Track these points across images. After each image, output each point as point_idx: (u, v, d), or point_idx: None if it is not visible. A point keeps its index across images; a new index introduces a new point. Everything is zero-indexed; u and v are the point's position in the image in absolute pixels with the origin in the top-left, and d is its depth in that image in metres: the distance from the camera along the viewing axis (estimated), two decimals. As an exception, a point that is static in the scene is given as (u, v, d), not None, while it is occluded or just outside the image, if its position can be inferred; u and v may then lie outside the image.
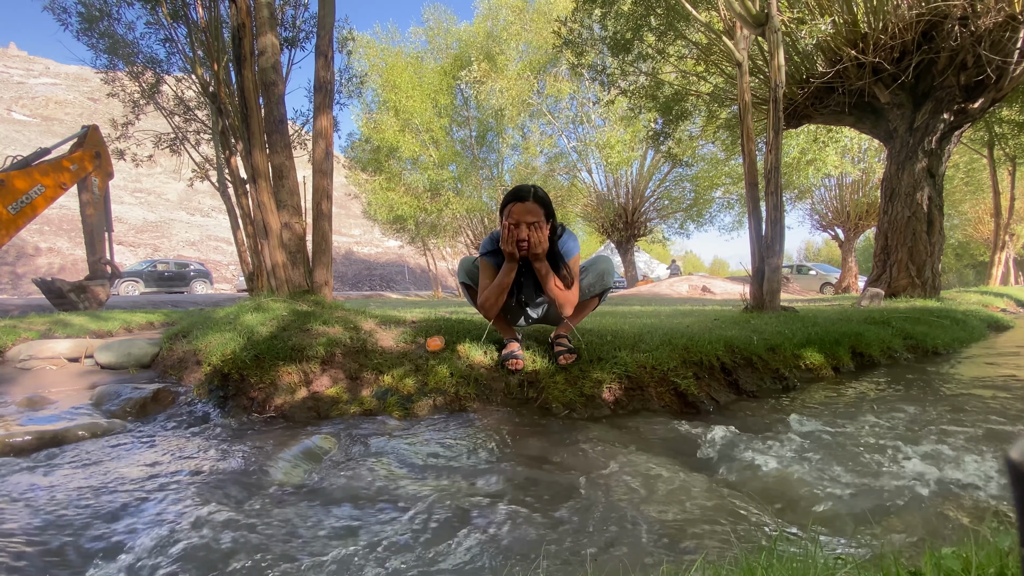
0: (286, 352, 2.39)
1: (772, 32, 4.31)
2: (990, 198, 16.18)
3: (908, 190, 6.85)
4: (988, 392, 2.44)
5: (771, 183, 4.41)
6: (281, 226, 3.88)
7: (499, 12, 18.69)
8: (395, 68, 18.01)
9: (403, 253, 34.61)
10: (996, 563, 0.70)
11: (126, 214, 27.07)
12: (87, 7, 8.61)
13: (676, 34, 7.29)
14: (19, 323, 3.84)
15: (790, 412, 2.14)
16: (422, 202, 18.41)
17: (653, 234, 23.34)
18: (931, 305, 5.64)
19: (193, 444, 1.84)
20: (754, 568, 0.82)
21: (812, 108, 7.73)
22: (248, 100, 4.01)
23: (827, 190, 20.14)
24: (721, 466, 1.57)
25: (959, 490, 1.32)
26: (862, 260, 27.19)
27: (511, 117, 18.02)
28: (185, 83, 9.26)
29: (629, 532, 1.16)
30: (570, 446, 1.76)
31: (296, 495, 1.38)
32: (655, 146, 14.83)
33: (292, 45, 8.59)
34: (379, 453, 1.70)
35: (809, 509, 1.27)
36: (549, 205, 2.16)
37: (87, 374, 2.88)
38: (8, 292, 20.09)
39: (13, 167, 5.85)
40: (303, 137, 10.19)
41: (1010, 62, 6.05)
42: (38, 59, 46.70)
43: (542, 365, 2.37)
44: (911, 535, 1.12)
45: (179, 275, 19.91)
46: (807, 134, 13.89)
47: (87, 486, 1.43)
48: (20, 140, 29.30)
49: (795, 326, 3.44)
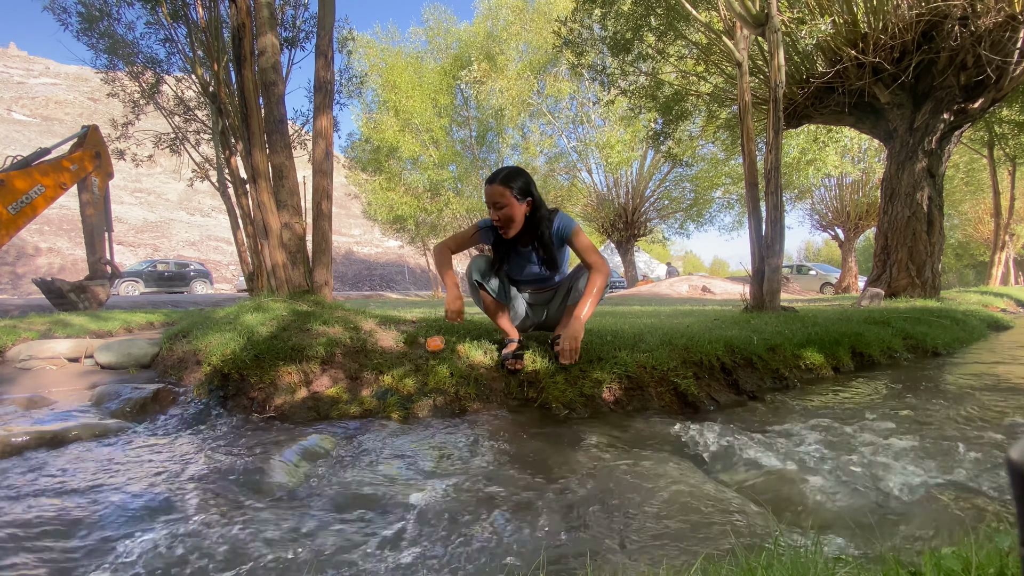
0: (286, 352, 2.39)
1: (772, 32, 4.31)
2: (990, 198, 16.19)
3: (908, 190, 6.85)
4: (988, 392, 2.44)
5: (771, 183, 4.41)
6: (281, 226, 3.88)
7: (499, 12, 18.70)
8: (395, 68, 18.01)
9: (403, 253, 34.62)
10: (996, 563, 0.70)
11: (126, 214, 27.07)
12: (87, 7, 8.61)
13: (676, 34, 7.29)
14: (19, 323, 3.84)
15: (790, 412, 2.14)
16: (422, 202, 18.42)
17: (653, 234, 23.36)
18: (931, 305, 5.64)
19: (193, 444, 1.84)
20: (754, 568, 0.82)
21: (812, 108, 7.73)
22: (248, 100, 4.01)
23: (827, 190, 20.16)
24: (721, 466, 1.57)
25: (959, 490, 1.32)
26: (862, 260, 27.20)
27: (511, 117, 18.03)
28: (185, 83, 9.26)
29: (629, 532, 1.16)
30: (570, 446, 1.76)
31: (295, 495, 1.38)
32: (655, 146, 14.82)
33: (292, 45, 8.58)
34: (379, 453, 1.70)
35: (809, 509, 1.27)
36: (522, 185, 2.21)
37: (87, 374, 2.87)
38: (8, 292, 20.09)
39: (13, 167, 5.85)
40: (303, 137, 10.19)
41: (1010, 62, 6.05)
42: (38, 59, 46.70)
43: (542, 365, 2.37)
44: (911, 535, 1.12)
45: (179, 275, 19.90)
46: (807, 134, 13.89)
47: (87, 486, 1.43)
48: (20, 140, 29.30)
49: (795, 326, 3.44)
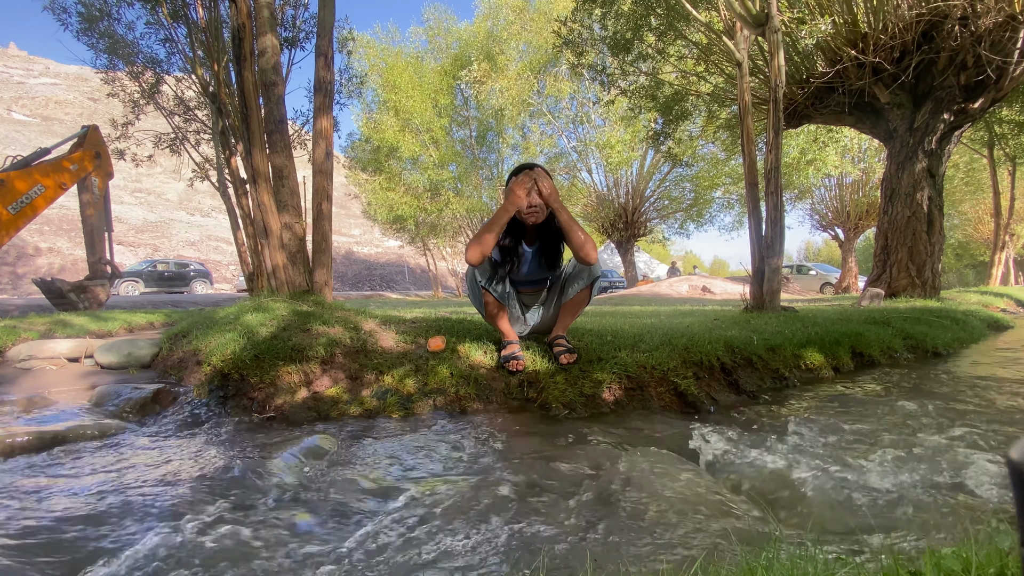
0: (286, 352, 2.39)
1: (772, 32, 4.31)
2: (990, 198, 16.18)
3: (908, 190, 6.85)
4: (988, 392, 2.44)
5: (771, 183, 4.41)
6: (281, 227, 3.88)
7: (499, 12, 18.70)
8: (395, 68, 18.01)
9: (403, 253, 34.61)
10: (996, 563, 0.70)
11: (126, 214, 27.07)
12: (87, 7, 8.61)
13: (676, 34, 7.29)
14: (19, 323, 3.84)
15: (790, 412, 2.14)
16: (422, 202, 18.42)
17: (653, 234, 23.35)
18: (931, 305, 5.64)
19: (193, 444, 1.84)
20: (754, 568, 0.82)
21: (812, 108, 7.73)
22: (248, 100, 4.01)
23: (827, 190, 20.15)
24: (721, 466, 1.57)
25: (959, 490, 1.32)
26: (862, 260, 27.18)
27: (511, 117, 18.03)
28: (185, 83, 9.25)
29: (629, 532, 1.16)
30: (570, 446, 1.76)
31: (295, 495, 1.38)
32: (655, 146, 14.82)
33: (292, 45, 8.58)
34: (379, 453, 1.70)
35: (809, 509, 1.27)
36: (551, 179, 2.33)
37: (87, 374, 2.88)
38: (8, 292, 20.09)
39: (13, 167, 5.85)
40: (303, 137, 10.18)
41: (1010, 62, 6.05)
42: (38, 59, 46.68)
43: (542, 366, 2.37)
44: (911, 535, 1.12)
45: (179, 275, 19.91)
46: (807, 134, 13.89)
47: (86, 486, 1.43)
48: (20, 140, 29.29)
49: (795, 326, 3.44)
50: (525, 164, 2.30)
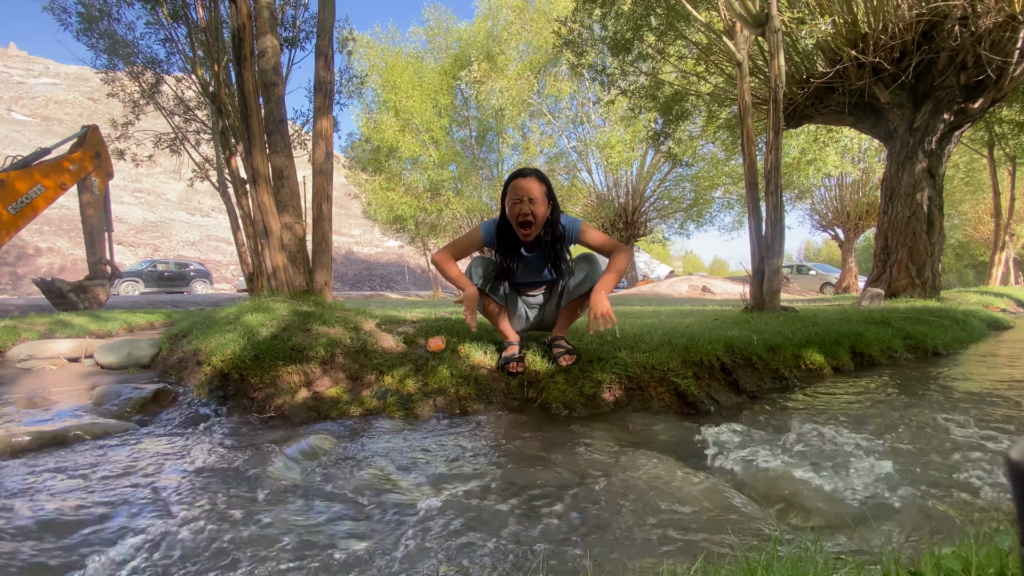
0: (287, 352, 2.39)
1: (772, 32, 4.31)
2: (990, 198, 16.19)
3: (908, 190, 6.85)
4: (988, 392, 2.44)
5: (771, 183, 4.41)
6: (281, 227, 3.88)
7: (499, 12, 18.69)
8: (395, 68, 18.01)
9: (403, 253, 34.62)
10: (996, 563, 0.70)
11: (126, 214, 27.08)
12: (87, 7, 8.61)
13: (676, 34, 7.29)
14: (19, 323, 3.84)
15: (790, 412, 2.14)
16: (422, 202, 18.41)
17: (653, 234, 23.33)
18: (931, 305, 5.64)
19: (193, 444, 1.84)
20: (754, 568, 0.82)
21: (812, 108, 7.74)
22: (248, 100, 4.01)
23: (827, 190, 20.16)
24: (721, 466, 1.57)
25: (959, 490, 1.32)
26: (862, 260, 27.19)
27: (511, 117, 18.02)
28: (185, 83, 9.25)
29: (629, 532, 1.16)
30: (570, 446, 1.76)
31: (294, 495, 1.38)
32: (655, 146, 14.83)
33: (292, 45, 8.58)
34: (378, 453, 1.70)
35: (809, 509, 1.27)
36: (550, 187, 2.29)
37: (87, 374, 2.88)
38: (8, 292, 20.10)
39: (13, 167, 5.86)
40: (303, 137, 10.18)
41: (1010, 62, 6.05)
42: (38, 59, 46.69)
43: (542, 366, 2.37)
44: (911, 535, 1.12)
45: (179, 275, 19.91)
46: (807, 134, 13.89)
47: (86, 486, 1.43)
48: (20, 140, 29.31)
49: (795, 326, 3.44)
50: (523, 169, 2.29)
